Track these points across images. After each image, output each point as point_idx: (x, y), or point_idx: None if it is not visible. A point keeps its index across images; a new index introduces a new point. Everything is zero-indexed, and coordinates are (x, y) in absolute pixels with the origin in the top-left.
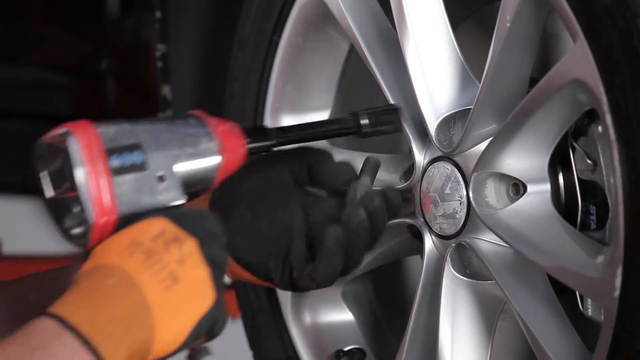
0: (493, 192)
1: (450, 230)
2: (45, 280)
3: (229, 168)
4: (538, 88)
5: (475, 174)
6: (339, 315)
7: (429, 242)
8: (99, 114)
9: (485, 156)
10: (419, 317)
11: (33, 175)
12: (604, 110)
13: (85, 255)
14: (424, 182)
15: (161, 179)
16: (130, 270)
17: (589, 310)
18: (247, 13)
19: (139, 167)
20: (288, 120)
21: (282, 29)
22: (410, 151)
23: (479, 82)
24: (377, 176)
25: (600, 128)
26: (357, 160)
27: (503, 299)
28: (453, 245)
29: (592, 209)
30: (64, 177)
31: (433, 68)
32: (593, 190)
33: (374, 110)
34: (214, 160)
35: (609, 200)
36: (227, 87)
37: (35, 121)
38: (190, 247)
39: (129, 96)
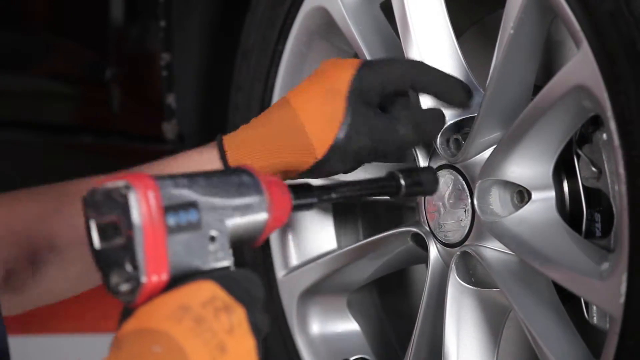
0: (497, 200)
1: (455, 238)
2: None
3: (274, 226)
4: (542, 95)
5: (479, 181)
6: (344, 324)
7: (433, 250)
8: (104, 123)
9: (490, 164)
10: (424, 325)
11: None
12: (608, 116)
13: (125, 312)
14: None
15: (213, 239)
16: (178, 337)
17: (594, 318)
18: (251, 23)
19: (194, 227)
20: None
21: (286, 38)
22: (415, 159)
23: (483, 90)
24: None
25: (604, 135)
26: (360, 168)
27: (508, 306)
28: (458, 253)
29: (597, 216)
30: (117, 231)
31: None
32: (598, 198)
33: (411, 171)
34: (262, 218)
35: (613, 208)
36: (231, 97)
37: (40, 131)
38: (239, 316)
39: (134, 105)
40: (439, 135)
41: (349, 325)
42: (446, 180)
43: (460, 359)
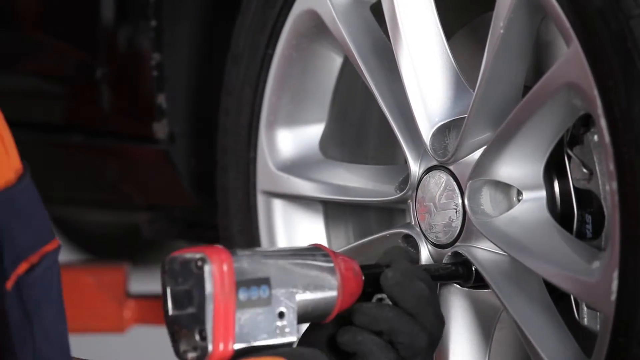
0: (489, 200)
1: (446, 239)
2: None
3: (344, 305)
4: (532, 94)
5: (470, 182)
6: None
7: (425, 251)
8: (94, 122)
9: (481, 164)
10: None
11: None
12: (598, 113)
13: None
14: (419, 192)
15: (281, 315)
16: None
17: (585, 319)
18: (241, 27)
19: (264, 302)
20: (283, 133)
21: (276, 42)
22: (406, 161)
23: (473, 91)
24: (373, 188)
25: (595, 137)
26: (351, 171)
27: (500, 307)
28: (449, 254)
29: (588, 218)
30: (190, 300)
31: (427, 78)
32: (589, 200)
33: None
34: (332, 297)
35: (604, 209)
36: (221, 101)
37: (30, 130)
38: None
39: (124, 105)
40: (430, 136)
41: None
42: (437, 181)
43: None
